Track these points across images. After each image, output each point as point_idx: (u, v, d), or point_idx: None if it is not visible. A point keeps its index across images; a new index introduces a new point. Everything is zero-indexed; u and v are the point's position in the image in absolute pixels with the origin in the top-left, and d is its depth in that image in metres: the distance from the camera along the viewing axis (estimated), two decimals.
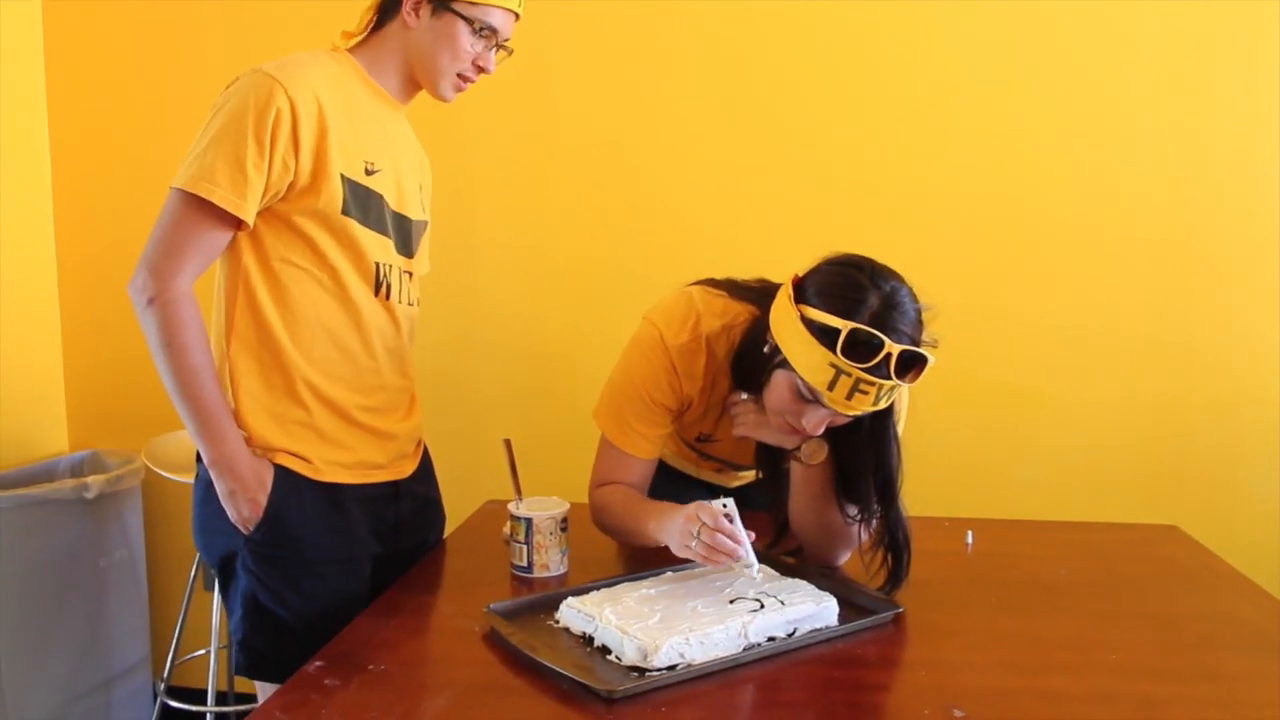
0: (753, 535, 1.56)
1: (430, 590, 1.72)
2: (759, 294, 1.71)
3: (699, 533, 1.53)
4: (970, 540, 1.98)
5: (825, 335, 1.47)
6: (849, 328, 1.44)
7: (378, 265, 1.70)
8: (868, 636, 1.51)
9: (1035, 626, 1.57)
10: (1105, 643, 1.51)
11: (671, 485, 1.95)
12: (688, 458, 2.02)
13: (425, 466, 1.92)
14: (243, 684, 2.96)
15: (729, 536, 1.52)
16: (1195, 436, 2.75)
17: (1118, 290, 2.74)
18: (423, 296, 1.89)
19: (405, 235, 1.77)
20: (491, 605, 1.52)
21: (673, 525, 1.58)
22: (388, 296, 1.73)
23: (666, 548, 1.64)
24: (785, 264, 1.63)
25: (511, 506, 1.75)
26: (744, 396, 1.70)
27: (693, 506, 1.56)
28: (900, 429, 1.68)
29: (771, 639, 1.45)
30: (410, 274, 1.80)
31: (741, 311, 1.70)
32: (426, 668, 1.40)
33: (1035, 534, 2.09)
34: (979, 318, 2.76)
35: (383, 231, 1.70)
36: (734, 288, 1.75)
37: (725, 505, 1.55)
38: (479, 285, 2.90)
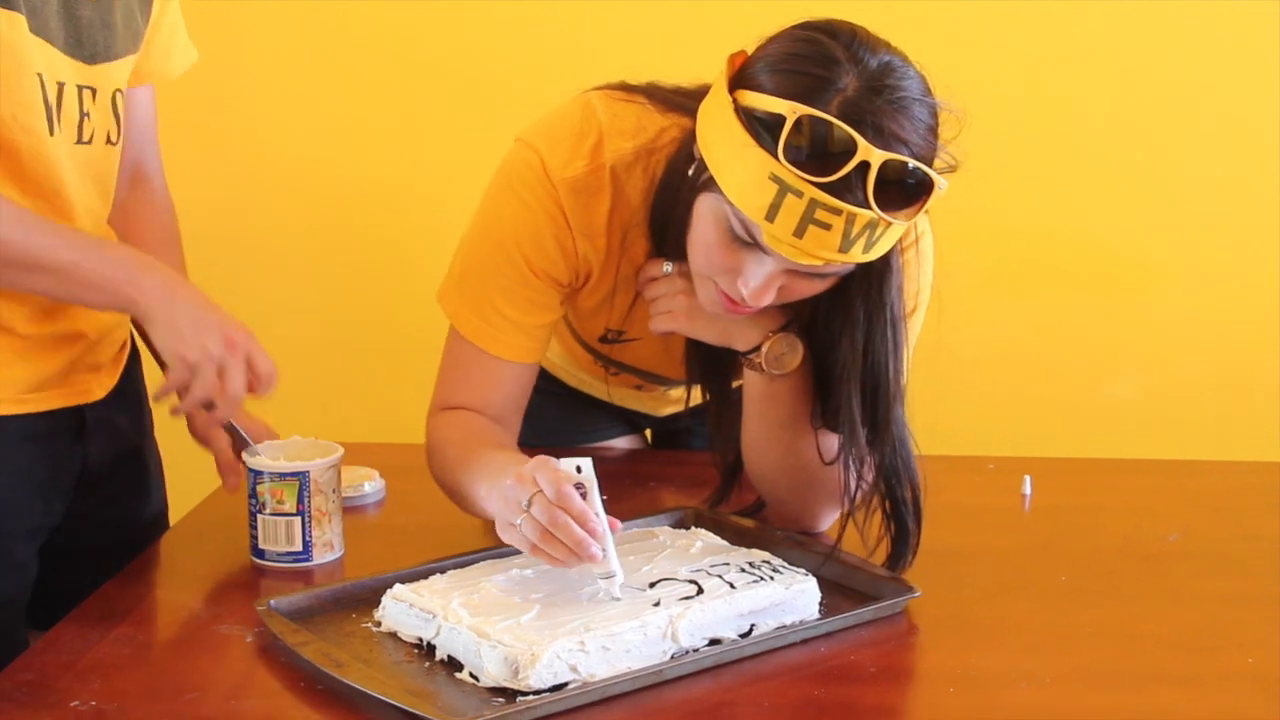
0: (618, 525, 1.49)
1: (173, 580, 1.73)
2: (697, 101, 1.67)
3: (530, 504, 1.45)
4: (1029, 490, 2.00)
5: (764, 128, 1.44)
6: (797, 113, 1.40)
7: (41, 78, 1.63)
8: (866, 636, 1.53)
9: (1128, 618, 1.60)
10: (1237, 640, 1.53)
11: (564, 415, 1.94)
12: (589, 369, 2.01)
13: (131, 385, 1.89)
14: None
15: (577, 520, 1.44)
16: None
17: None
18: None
19: (75, 23, 1.67)
20: (273, 601, 1.51)
21: (501, 490, 1.52)
22: (51, 131, 1.67)
23: None
24: None
25: (246, 456, 1.71)
26: (668, 268, 1.69)
27: (531, 464, 1.49)
28: (918, 318, 1.69)
29: (715, 641, 1.46)
30: (93, 91, 1.72)
31: (668, 127, 1.68)
32: (165, 701, 1.39)
33: (1128, 479, 2.12)
34: (1043, 139, 2.80)
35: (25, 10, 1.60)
36: (656, 93, 1.73)
37: (579, 469, 1.49)
38: (245, 75, 2.91)
